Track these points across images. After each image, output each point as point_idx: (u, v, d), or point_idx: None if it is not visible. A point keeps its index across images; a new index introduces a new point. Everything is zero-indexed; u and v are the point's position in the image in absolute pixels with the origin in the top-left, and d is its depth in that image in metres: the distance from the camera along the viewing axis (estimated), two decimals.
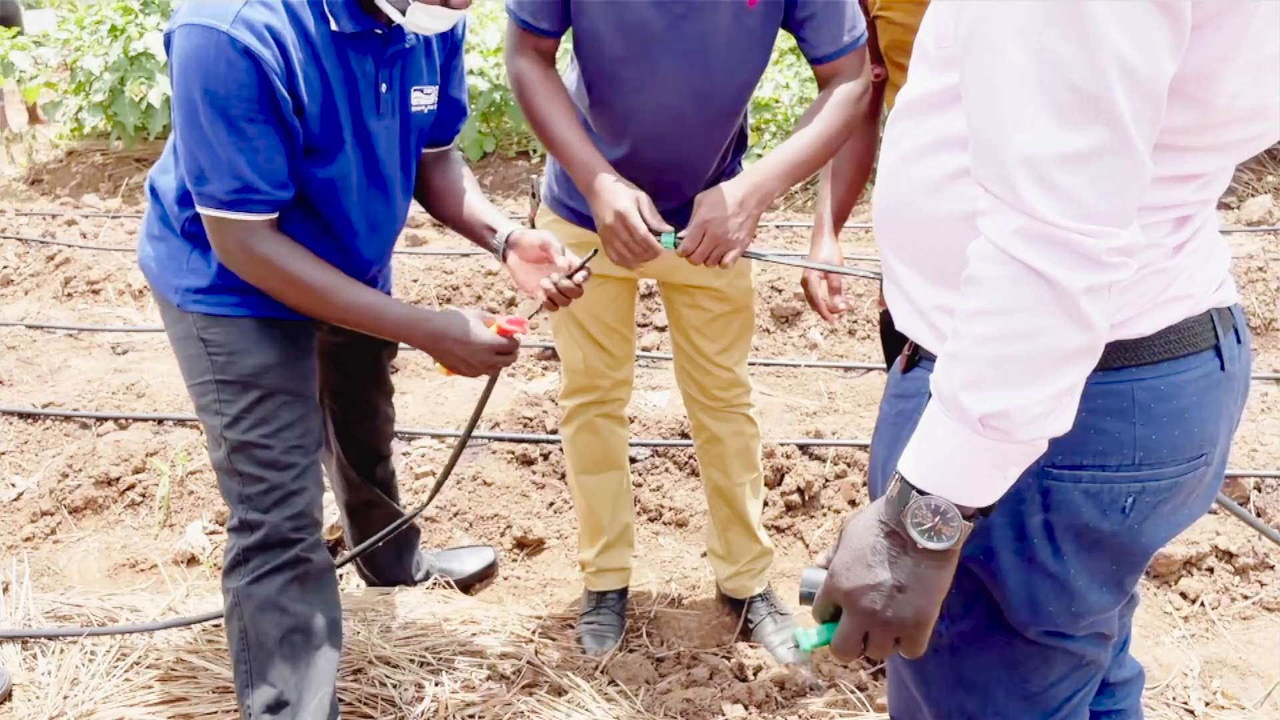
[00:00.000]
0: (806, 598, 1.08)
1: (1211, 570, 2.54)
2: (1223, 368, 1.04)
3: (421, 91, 1.78)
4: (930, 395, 0.95)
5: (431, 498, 2.18)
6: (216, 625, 2.23)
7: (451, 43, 1.83)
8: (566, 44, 1.93)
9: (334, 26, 1.61)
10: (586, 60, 1.86)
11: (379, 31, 1.66)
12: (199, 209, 1.63)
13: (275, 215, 1.64)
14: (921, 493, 0.93)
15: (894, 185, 1.06)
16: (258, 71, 1.52)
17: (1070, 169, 0.83)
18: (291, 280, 1.66)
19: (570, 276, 1.79)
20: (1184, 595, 2.49)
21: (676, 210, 1.92)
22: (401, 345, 2.98)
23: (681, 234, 1.78)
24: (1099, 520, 1.02)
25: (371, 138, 1.72)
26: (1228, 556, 2.54)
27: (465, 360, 1.73)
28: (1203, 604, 2.46)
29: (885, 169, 1.09)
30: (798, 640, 1.06)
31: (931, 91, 1.01)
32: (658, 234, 1.77)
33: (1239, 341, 1.08)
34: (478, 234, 1.91)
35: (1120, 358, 0.98)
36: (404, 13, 1.59)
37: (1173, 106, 0.87)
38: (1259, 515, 2.67)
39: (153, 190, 1.82)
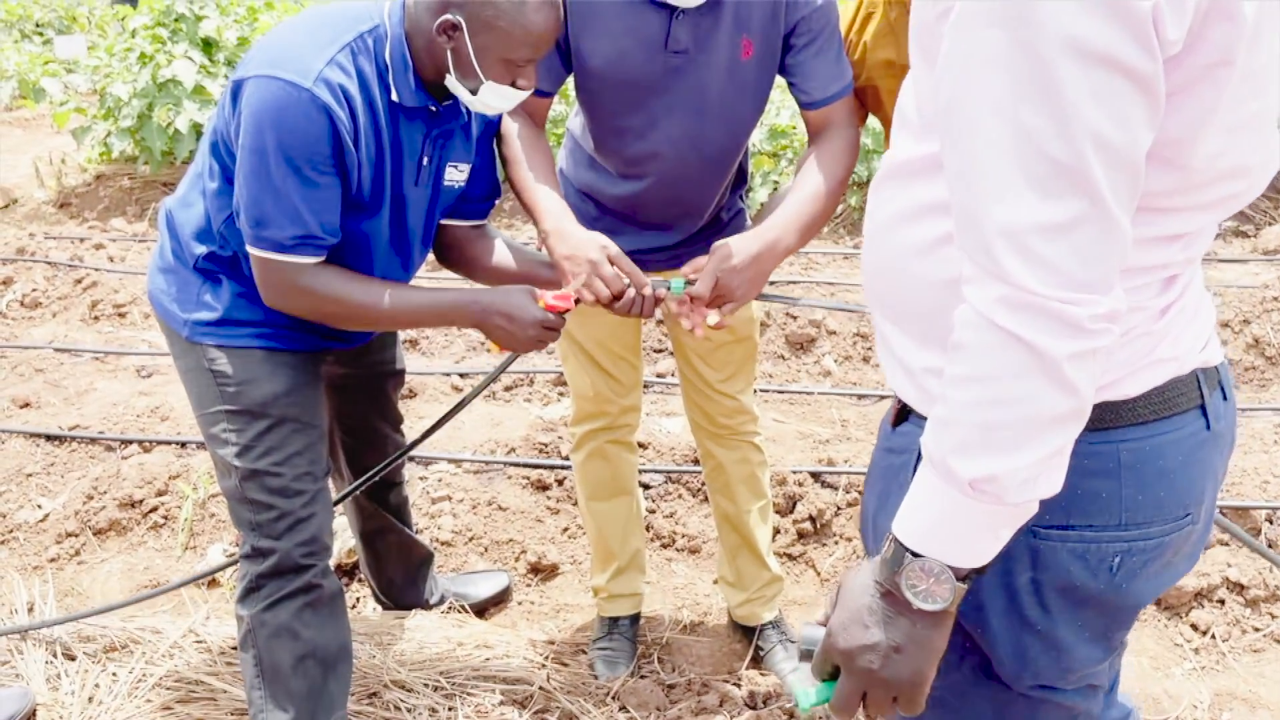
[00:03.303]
0: (806, 655, 1.10)
1: (1223, 602, 2.54)
2: (1208, 427, 1.05)
3: (456, 168, 1.85)
4: (920, 453, 0.96)
5: (423, 439, 2.17)
6: (236, 648, 2.27)
7: (489, 123, 1.89)
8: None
9: (394, 97, 1.68)
10: (589, 109, 1.92)
11: (433, 109, 1.73)
12: (252, 250, 1.68)
13: (324, 258, 1.70)
14: (915, 555, 0.94)
15: (881, 249, 1.08)
16: (333, 129, 1.60)
17: (1050, 239, 0.85)
18: (339, 303, 1.72)
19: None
20: (1194, 627, 2.50)
21: (678, 245, 1.97)
22: (415, 370, 3.02)
23: (691, 276, 1.81)
24: (1087, 579, 1.04)
25: (405, 203, 1.79)
26: (1239, 588, 2.54)
27: (513, 335, 1.76)
28: (1213, 636, 2.46)
29: (872, 231, 1.11)
30: (797, 699, 1.07)
31: (915, 157, 1.03)
32: (665, 282, 1.79)
33: (1224, 399, 1.09)
34: (535, 274, 1.92)
35: (1106, 419, 0.99)
36: (474, 93, 1.66)
37: (1152, 170, 0.89)
38: (1270, 547, 2.67)
39: (169, 223, 1.87)
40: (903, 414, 1.11)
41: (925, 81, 1.00)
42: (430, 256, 1.99)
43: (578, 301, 1.75)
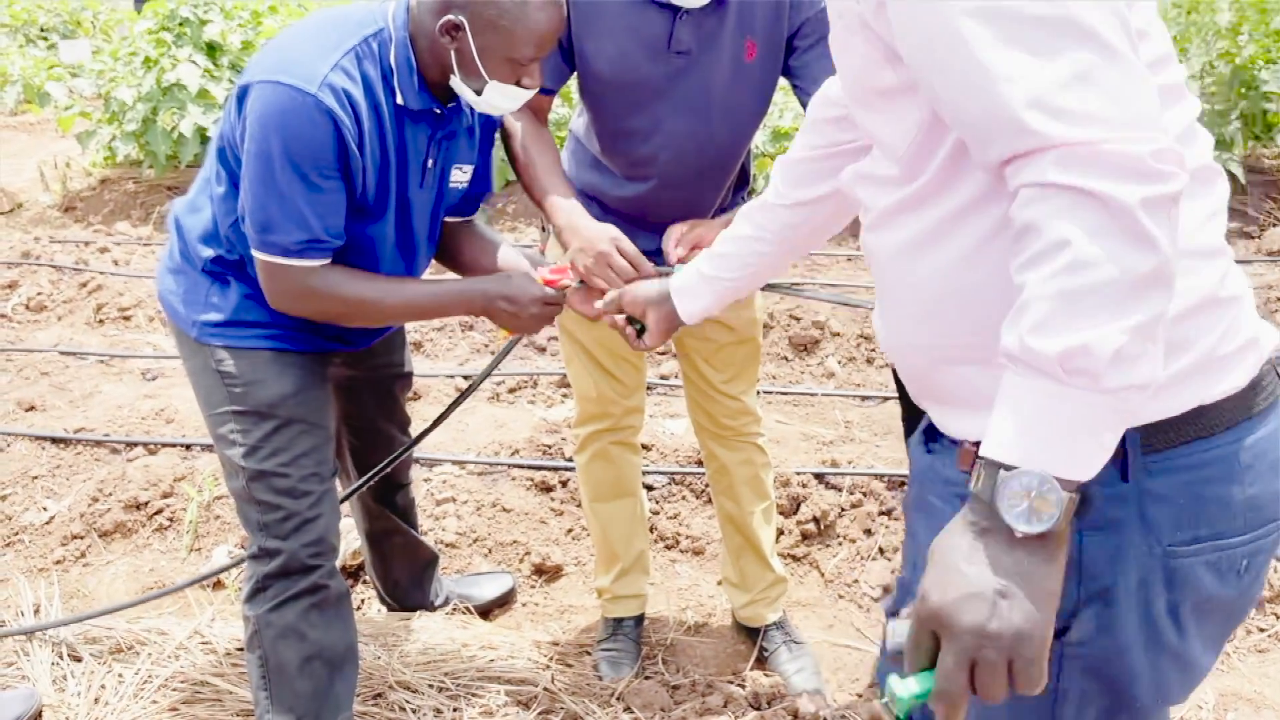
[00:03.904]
0: (896, 654, 0.93)
1: None
2: None
3: (460, 169, 1.86)
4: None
5: (431, 428, 2.18)
6: (242, 649, 2.28)
7: (491, 125, 1.90)
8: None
9: (399, 101, 1.68)
10: (593, 111, 1.93)
11: (437, 111, 1.74)
12: (258, 254, 1.69)
13: (330, 260, 1.71)
14: (1009, 469, 0.84)
15: (924, 285, 1.04)
16: (337, 134, 1.60)
17: (1075, 90, 0.81)
18: (344, 303, 1.73)
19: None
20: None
21: None
22: (419, 373, 3.03)
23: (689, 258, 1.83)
24: (1218, 588, 0.99)
25: (410, 206, 1.80)
26: None
27: (518, 317, 1.78)
28: None
29: (899, 281, 1.07)
30: (892, 692, 0.90)
31: (908, 195, 1.02)
32: (669, 269, 1.81)
33: None
34: (519, 269, 1.95)
35: (1220, 422, 0.97)
36: (479, 93, 1.66)
37: None
38: None
39: (176, 225, 1.88)
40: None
41: (888, 126, 1.00)
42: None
43: (581, 283, 1.77)
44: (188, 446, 3.23)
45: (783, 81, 1.93)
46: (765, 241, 1.48)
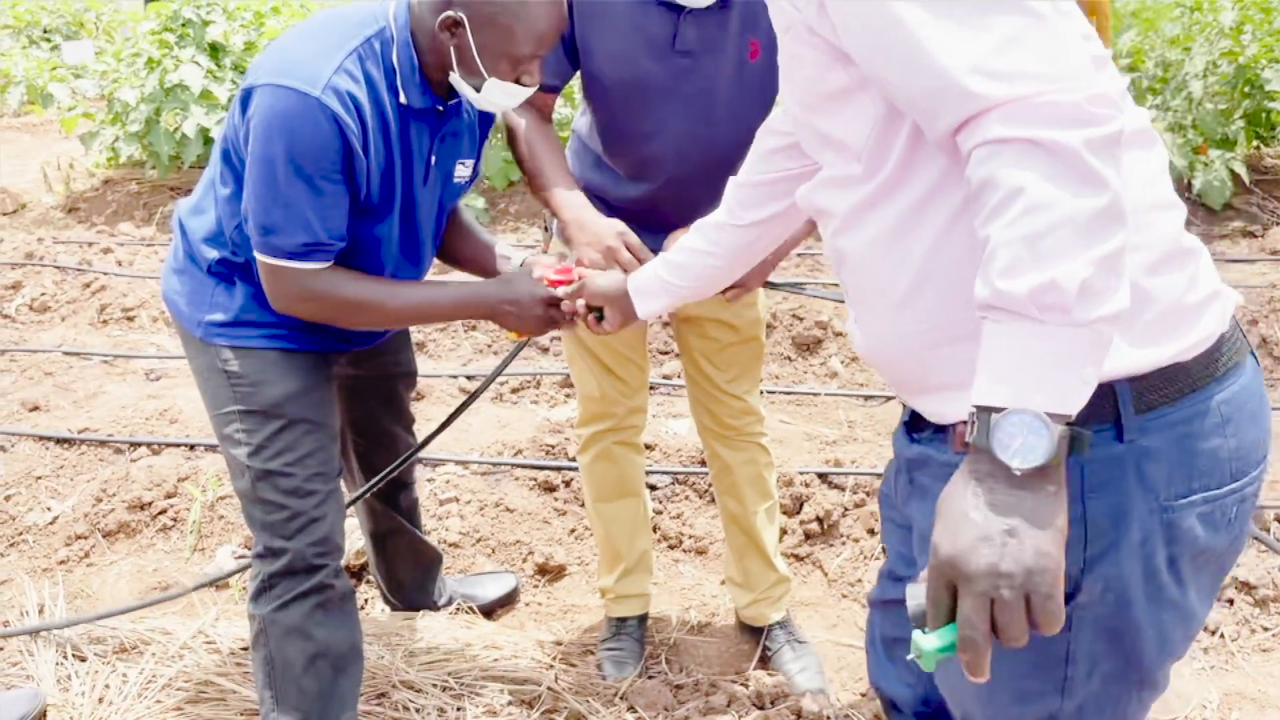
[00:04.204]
0: (918, 616, 0.95)
1: (1231, 602, 2.53)
2: (1258, 363, 1.12)
3: (462, 164, 1.87)
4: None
5: (438, 432, 2.18)
6: (246, 648, 2.28)
7: (488, 119, 1.91)
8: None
9: (402, 100, 1.68)
10: (596, 111, 1.93)
11: (439, 109, 1.74)
12: (260, 256, 1.69)
13: (332, 262, 1.71)
14: (999, 411, 0.89)
15: (900, 274, 1.08)
16: (341, 137, 1.60)
17: (1007, 54, 0.88)
18: (345, 305, 1.73)
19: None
20: (1204, 627, 2.49)
21: None
22: (422, 373, 3.03)
23: None
24: (1212, 538, 1.05)
25: (415, 204, 1.80)
26: (1247, 588, 2.54)
27: (523, 319, 1.78)
28: (1222, 635, 2.46)
29: (873, 276, 1.11)
30: (919, 647, 0.92)
31: (872, 190, 1.07)
32: None
33: None
34: (487, 264, 1.97)
35: (1202, 377, 1.03)
36: (479, 90, 1.66)
37: None
38: None
39: (180, 227, 1.88)
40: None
41: (847, 129, 1.06)
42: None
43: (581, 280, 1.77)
44: (191, 447, 3.23)
45: None
46: (717, 256, 1.57)
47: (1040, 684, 1.10)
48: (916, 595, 0.95)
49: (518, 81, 1.67)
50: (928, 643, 0.91)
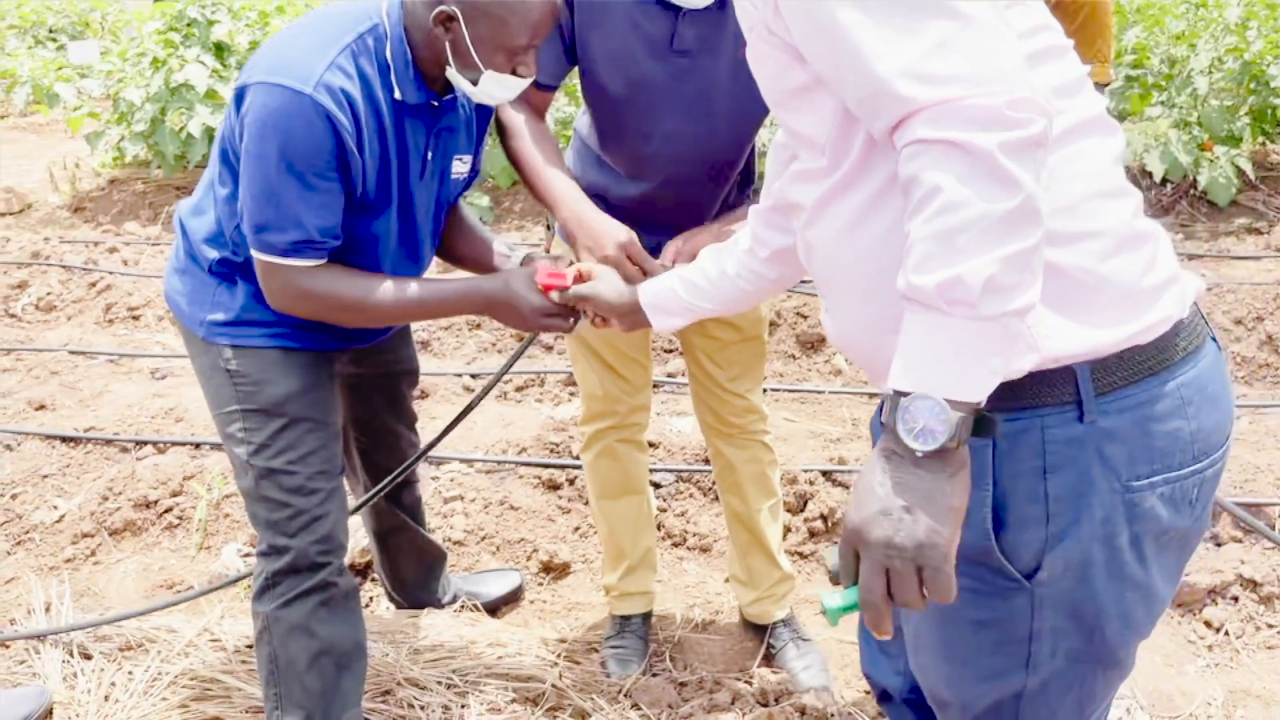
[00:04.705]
0: (833, 575, 1.04)
1: (1236, 599, 2.53)
2: (1219, 348, 1.14)
3: (460, 160, 1.86)
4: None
5: (442, 436, 2.18)
6: (251, 646, 2.29)
7: (486, 114, 1.91)
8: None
9: (398, 95, 1.68)
10: (595, 108, 1.93)
11: (434, 104, 1.74)
12: (254, 253, 1.69)
13: (325, 260, 1.71)
14: (906, 395, 0.94)
15: (861, 263, 1.11)
16: (334, 134, 1.60)
17: (937, 57, 0.91)
18: (341, 303, 1.73)
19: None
20: (1208, 624, 2.49)
21: None
22: (427, 371, 3.03)
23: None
24: (1175, 519, 1.07)
25: (413, 199, 1.80)
26: (1252, 585, 2.54)
27: (523, 318, 1.77)
28: (1227, 633, 2.45)
29: (838, 265, 1.14)
30: (823, 603, 1.02)
31: (836, 182, 1.10)
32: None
33: None
34: (487, 261, 1.97)
35: (1160, 360, 1.05)
36: (475, 83, 1.66)
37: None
38: None
39: (181, 227, 1.89)
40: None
41: (812, 124, 1.09)
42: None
43: (578, 280, 1.76)
44: (197, 445, 3.24)
45: None
46: (745, 280, 1.56)
47: (1004, 661, 1.14)
48: (833, 556, 1.04)
49: (514, 73, 1.66)
50: (831, 600, 1.00)
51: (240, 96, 1.64)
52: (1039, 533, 1.06)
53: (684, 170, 1.92)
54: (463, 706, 2.15)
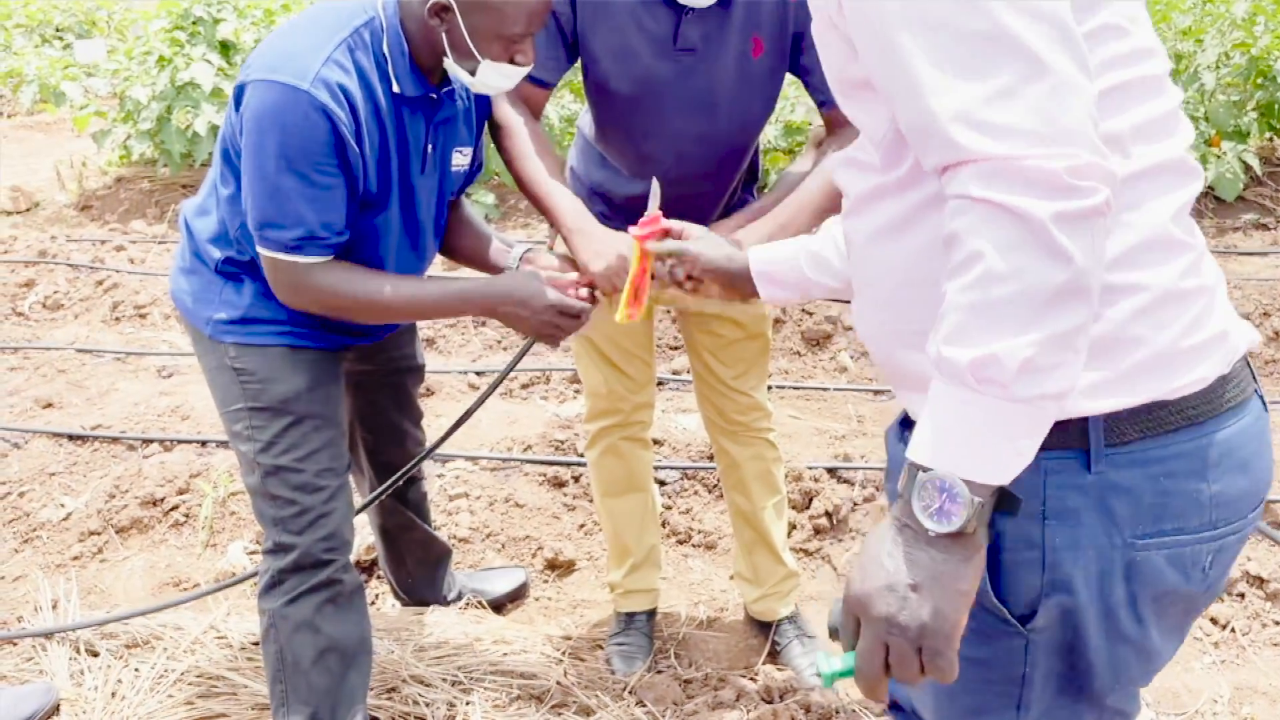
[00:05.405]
0: (833, 630, 1.00)
1: (1242, 596, 2.52)
2: (1265, 408, 1.04)
3: (460, 152, 1.86)
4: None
5: (447, 435, 2.17)
6: (257, 643, 2.29)
7: (485, 106, 1.91)
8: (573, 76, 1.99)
9: (396, 89, 1.68)
10: (598, 106, 1.93)
11: (433, 96, 1.74)
12: (260, 250, 1.70)
13: (332, 256, 1.71)
14: (926, 470, 0.88)
15: (890, 271, 1.06)
16: (333, 129, 1.60)
17: (1000, 106, 0.83)
18: (349, 299, 1.73)
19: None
20: (1214, 621, 2.48)
21: None
22: (432, 369, 3.03)
23: None
24: (1180, 583, 1.00)
25: (414, 193, 1.80)
26: (1259, 582, 2.53)
27: (528, 321, 1.75)
28: (1233, 630, 2.45)
29: (870, 265, 1.08)
30: (818, 667, 0.99)
31: (887, 183, 1.04)
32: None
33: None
34: (488, 257, 1.96)
35: (1189, 415, 0.97)
36: (473, 74, 1.66)
37: (1091, 43, 0.90)
38: None
39: (187, 227, 1.89)
40: None
41: (864, 108, 1.03)
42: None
43: (593, 290, 1.75)
44: (203, 443, 3.25)
45: (793, 75, 1.93)
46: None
47: (994, 700, 1.09)
48: (836, 611, 0.99)
49: (512, 61, 1.66)
50: (828, 666, 0.97)
51: (240, 95, 1.65)
52: (1035, 579, 1.00)
53: (688, 168, 1.92)
54: (467, 704, 2.16)
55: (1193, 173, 1.02)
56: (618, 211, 2.01)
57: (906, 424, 1.16)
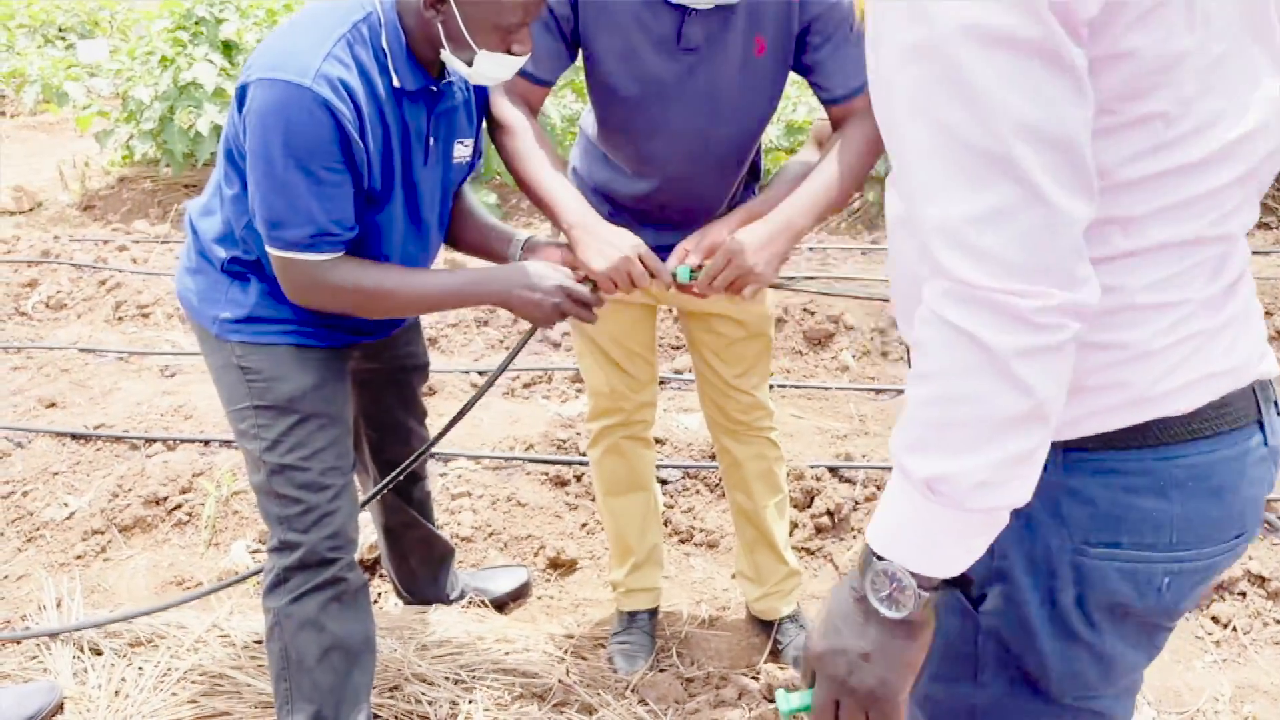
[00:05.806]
0: (797, 660, 1.08)
1: (1244, 594, 2.53)
2: (1266, 443, 1.00)
3: (462, 144, 1.86)
4: None
5: (448, 429, 2.17)
6: (260, 641, 2.30)
7: (483, 96, 1.91)
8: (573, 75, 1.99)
9: (396, 83, 1.69)
10: (601, 106, 1.93)
11: (433, 88, 1.74)
12: (270, 250, 1.70)
13: (342, 253, 1.72)
14: (880, 558, 0.92)
15: (900, 258, 1.05)
16: (336, 125, 1.60)
17: (985, 229, 0.82)
18: (360, 294, 1.73)
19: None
20: (1215, 619, 2.49)
21: None
22: (434, 368, 3.03)
23: (703, 263, 1.83)
24: (1134, 599, 1.00)
25: (417, 186, 1.80)
26: (1260, 581, 2.53)
27: (539, 305, 1.74)
28: (1234, 628, 2.45)
29: (894, 246, 1.07)
30: (778, 702, 1.05)
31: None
32: (673, 270, 1.82)
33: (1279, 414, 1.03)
34: (491, 247, 1.95)
35: (1158, 435, 0.95)
36: (470, 64, 1.66)
37: (1131, 130, 0.88)
38: None
39: (192, 227, 1.90)
40: None
41: None
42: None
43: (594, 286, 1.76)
44: (206, 442, 3.26)
45: (795, 75, 1.93)
46: None
47: (952, 668, 1.10)
48: (798, 648, 1.03)
49: (508, 52, 1.66)
50: (786, 703, 1.04)
51: (242, 95, 1.65)
52: (984, 562, 0.97)
53: (690, 167, 1.92)
54: (470, 702, 2.16)
55: (1238, 247, 0.98)
56: (620, 209, 2.01)
57: None
